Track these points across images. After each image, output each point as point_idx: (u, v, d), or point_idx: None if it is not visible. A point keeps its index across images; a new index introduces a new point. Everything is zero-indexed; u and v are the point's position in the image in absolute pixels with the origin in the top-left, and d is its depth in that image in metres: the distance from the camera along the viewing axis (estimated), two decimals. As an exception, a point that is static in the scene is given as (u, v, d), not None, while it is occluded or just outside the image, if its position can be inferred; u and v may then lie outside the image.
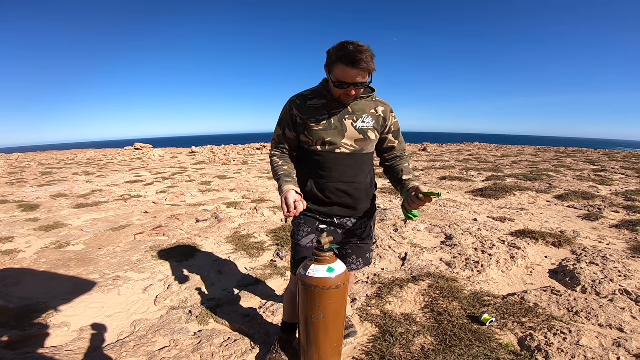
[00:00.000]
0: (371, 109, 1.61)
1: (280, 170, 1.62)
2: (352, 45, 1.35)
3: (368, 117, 1.60)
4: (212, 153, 17.88)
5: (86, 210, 5.59)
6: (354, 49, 1.34)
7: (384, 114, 1.63)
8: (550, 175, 7.87)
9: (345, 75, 1.39)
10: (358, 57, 1.34)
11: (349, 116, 1.57)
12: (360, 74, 1.38)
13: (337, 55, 1.37)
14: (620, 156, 13.03)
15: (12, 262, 3.38)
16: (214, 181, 8.55)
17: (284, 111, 1.64)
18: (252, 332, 2.16)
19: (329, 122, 1.56)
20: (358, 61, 1.34)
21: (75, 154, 19.54)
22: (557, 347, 1.84)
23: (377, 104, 1.63)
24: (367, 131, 1.59)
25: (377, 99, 1.64)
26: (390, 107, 1.66)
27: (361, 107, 1.59)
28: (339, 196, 1.63)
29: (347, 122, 1.57)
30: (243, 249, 3.64)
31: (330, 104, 1.56)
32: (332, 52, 1.41)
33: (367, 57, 1.35)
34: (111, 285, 2.85)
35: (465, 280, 2.74)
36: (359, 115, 1.58)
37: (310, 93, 1.61)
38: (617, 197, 5.47)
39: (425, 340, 1.99)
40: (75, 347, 2.03)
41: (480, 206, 5.25)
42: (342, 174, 1.61)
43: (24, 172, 11.05)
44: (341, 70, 1.39)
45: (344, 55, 1.35)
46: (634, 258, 3.00)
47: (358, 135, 1.58)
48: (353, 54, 1.34)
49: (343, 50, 1.36)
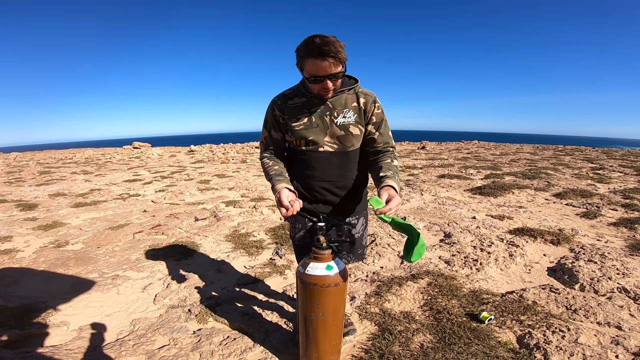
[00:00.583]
0: (353, 102, 1.55)
1: (272, 170, 1.60)
2: (318, 38, 1.31)
3: (349, 111, 1.54)
4: (211, 152, 17.86)
5: (85, 210, 5.58)
6: (321, 41, 1.31)
7: (365, 105, 1.56)
8: (548, 173, 7.88)
9: (318, 69, 1.36)
10: (326, 48, 1.30)
11: (329, 112, 1.53)
12: (332, 64, 1.34)
13: (306, 50, 1.34)
14: (619, 154, 13.06)
15: (11, 262, 3.38)
16: (213, 180, 8.55)
17: (268, 112, 1.63)
18: (252, 331, 2.16)
19: (309, 120, 1.53)
20: (327, 52, 1.31)
21: (74, 153, 19.49)
22: (556, 345, 1.85)
23: (359, 96, 1.56)
24: (349, 126, 1.54)
25: (359, 90, 1.57)
26: (373, 97, 1.58)
27: (342, 102, 1.54)
28: (323, 194, 1.63)
29: (328, 119, 1.53)
30: (242, 248, 3.64)
31: (310, 101, 1.53)
32: (300, 48, 1.38)
33: (336, 46, 1.31)
34: (110, 284, 2.85)
35: (464, 278, 2.75)
36: (339, 111, 1.53)
37: (291, 92, 1.58)
38: (615, 195, 5.48)
39: (424, 338, 2.00)
40: (74, 346, 2.03)
41: (478, 204, 5.26)
42: (325, 172, 1.59)
43: (22, 172, 11.02)
44: (312, 65, 1.35)
45: (312, 48, 1.32)
46: (632, 256, 3.01)
47: (339, 132, 1.54)
48: (320, 46, 1.31)
49: (310, 44, 1.32)
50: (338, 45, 1.32)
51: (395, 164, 1.57)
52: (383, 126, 1.61)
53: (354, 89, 1.56)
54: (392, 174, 1.50)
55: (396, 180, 1.47)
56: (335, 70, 1.36)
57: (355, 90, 1.56)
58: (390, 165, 1.55)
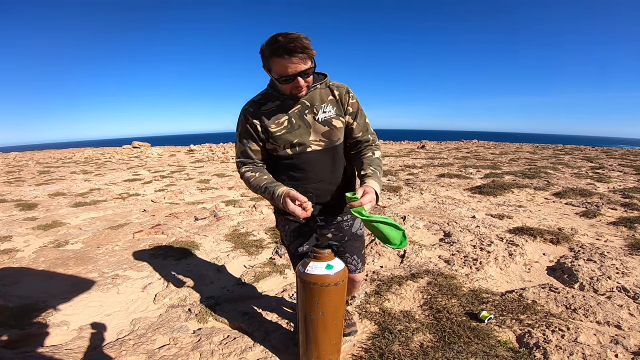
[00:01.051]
0: (328, 95, 1.50)
1: (262, 181, 1.49)
2: (281, 36, 1.25)
3: (328, 105, 1.49)
4: (211, 151, 17.85)
5: (84, 209, 5.58)
6: (285, 39, 1.25)
7: (340, 96, 1.51)
8: (548, 172, 7.88)
9: (286, 67, 1.30)
10: (292, 45, 1.24)
11: (308, 110, 1.47)
12: (301, 60, 1.29)
13: (270, 50, 1.28)
14: (618, 153, 13.07)
15: (11, 261, 3.38)
16: (213, 179, 8.55)
17: (240, 124, 1.52)
18: (252, 330, 2.17)
19: (289, 122, 1.46)
20: (293, 49, 1.25)
21: (73, 153, 19.48)
22: (555, 344, 1.85)
23: (332, 89, 1.51)
24: (332, 120, 1.49)
25: (331, 84, 1.53)
26: (345, 88, 1.53)
27: (318, 97, 1.48)
28: (318, 196, 1.54)
29: (309, 117, 1.47)
30: (242, 247, 3.64)
31: (284, 103, 1.46)
32: (263, 49, 1.31)
33: (302, 42, 1.26)
34: (110, 284, 2.85)
35: (463, 278, 2.75)
36: (318, 107, 1.47)
37: (261, 97, 1.51)
38: (615, 194, 5.49)
39: (424, 337, 2.00)
40: (74, 345, 2.03)
41: (478, 203, 5.26)
42: (318, 173, 1.53)
43: (22, 171, 11.01)
44: (279, 64, 1.29)
45: (277, 47, 1.26)
46: (631, 255, 3.01)
47: (323, 128, 1.48)
48: (286, 43, 1.25)
49: (274, 43, 1.26)
50: (304, 41, 1.27)
51: (376, 157, 1.55)
52: (359, 115, 1.57)
53: (325, 82, 1.51)
54: (373, 171, 1.47)
55: (377, 179, 1.44)
56: (305, 66, 1.31)
57: (327, 84, 1.52)
58: (371, 160, 1.52)
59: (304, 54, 1.28)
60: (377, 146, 1.60)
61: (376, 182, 1.41)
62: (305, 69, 1.32)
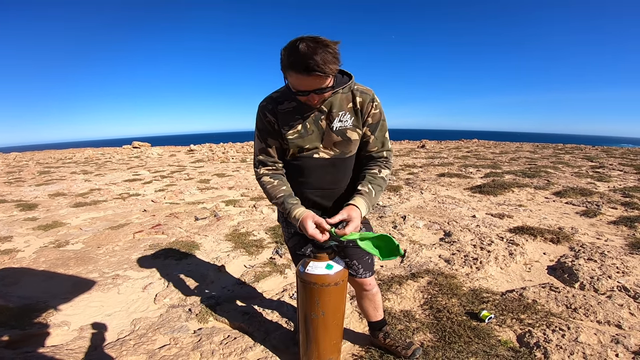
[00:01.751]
0: (348, 102, 1.40)
1: (279, 192, 1.45)
2: (303, 46, 1.14)
3: (346, 114, 1.39)
4: (211, 151, 17.85)
5: (85, 209, 5.58)
6: (305, 52, 1.14)
7: (362, 104, 1.40)
8: (548, 171, 7.88)
9: (301, 84, 1.22)
10: (311, 63, 1.14)
11: (324, 116, 1.39)
12: (318, 79, 1.19)
13: (288, 61, 1.19)
14: (618, 153, 13.06)
15: (11, 262, 3.38)
16: (213, 179, 8.55)
17: (258, 120, 1.47)
18: (252, 330, 2.17)
19: (304, 126, 1.40)
20: (311, 67, 1.15)
21: (73, 153, 19.48)
22: (556, 343, 1.85)
23: (354, 95, 1.40)
24: (346, 131, 1.41)
25: (355, 88, 1.41)
26: (370, 95, 1.41)
27: (337, 104, 1.38)
28: (315, 201, 1.53)
29: (323, 123, 1.40)
30: (242, 247, 3.64)
31: (301, 106, 1.38)
32: (283, 54, 1.21)
33: (323, 59, 1.15)
34: (110, 284, 2.85)
35: (464, 277, 2.75)
36: (335, 114, 1.38)
37: (280, 95, 1.43)
38: (615, 193, 5.49)
39: (424, 336, 2.00)
40: (75, 346, 2.04)
41: (478, 203, 5.26)
42: (319, 180, 1.49)
43: (22, 172, 11.01)
44: (295, 78, 1.21)
45: (295, 61, 1.16)
46: (631, 254, 3.01)
47: (336, 138, 1.41)
48: (304, 59, 1.14)
49: (293, 54, 1.16)
50: (325, 58, 1.16)
51: (381, 175, 1.47)
52: (379, 129, 1.47)
53: (348, 86, 1.40)
54: (368, 190, 1.41)
55: (368, 199, 1.39)
56: (322, 84, 1.22)
57: (350, 88, 1.40)
58: (373, 178, 1.46)
59: (323, 73, 1.18)
60: (388, 164, 1.52)
61: (364, 202, 1.38)
62: (322, 87, 1.23)
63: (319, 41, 1.17)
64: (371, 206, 1.41)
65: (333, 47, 1.19)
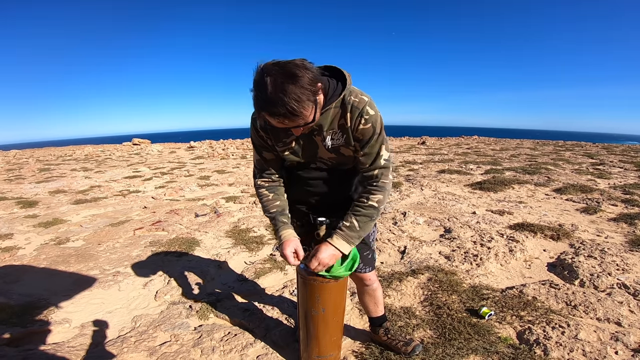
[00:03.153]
0: (339, 119, 1.28)
1: (272, 207, 1.46)
2: (270, 84, 1.02)
3: (337, 132, 1.30)
4: (211, 148, 17.83)
5: (85, 206, 5.59)
6: (273, 93, 1.03)
7: (350, 120, 1.27)
8: (548, 168, 7.88)
9: (275, 124, 1.14)
10: (282, 109, 1.04)
11: (317, 133, 1.31)
12: (294, 120, 1.10)
13: (258, 104, 1.09)
14: (619, 150, 13.04)
15: (12, 259, 3.38)
16: (213, 176, 8.54)
17: (252, 134, 1.43)
18: (253, 327, 2.17)
19: (297, 143, 1.35)
20: (283, 113, 1.05)
21: (73, 150, 19.46)
22: (556, 340, 1.85)
23: (346, 110, 1.26)
24: (340, 148, 1.34)
25: (347, 101, 1.26)
26: (360, 109, 1.25)
27: (328, 121, 1.28)
28: (312, 204, 1.54)
29: (317, 140, 1.33)
30: (242, 243, 3.65)
31: None
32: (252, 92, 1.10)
33: (296, 98, 1.04)
34: (111, 281, 2.86)
35: (464, 274, 2.76)
36: (327, 133, 1.30)
37: None
38: (616, 190, 5.48)
39: (424, 333, 2.01)
40: (76, 343, 2.04)
41: (479, 199, 5.26)
42: (317, 187, 1.48)
43: (22, 169, 11.01)
44: (270, 120, 1.13)
45: (264, 104, 1.06)
46: (631, 251, 3.01)
47: (330, 154, 1.37)
48: (275, 103, 1.04)
49: (262, 95, 1.05)
50: (299, 93, 1.04)
51: (369, 203, 1.34)
52: (372, 144, 1.31)
53: (339, 100, 1.26)
54: (349, 224, 1.34)
55: (348, 233, 1.33)
56: (297, 123, 1.12)
57: (339, 103, 1.27)
58: (359, 209, 1.34)
59: (293, 116, 1.07)
60: (379, 186, 1.35)
61: (341, 239, 1.34)
62: (299, 124, 1.14)
63: (288, 73, 1.04)
64: (357, 238, 1.36)
65: (306, 75, 1.06)
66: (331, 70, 1.32)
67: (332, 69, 1.32)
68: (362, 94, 1.28)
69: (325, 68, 1.32)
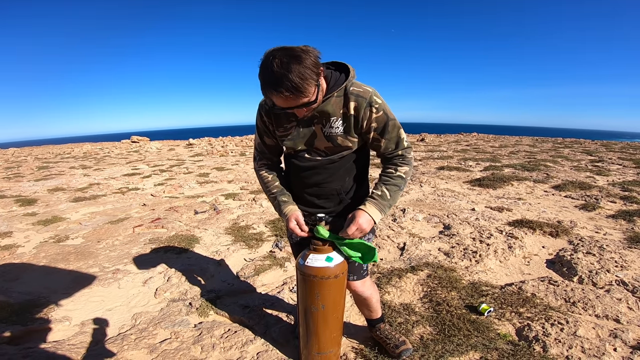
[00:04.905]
0: (341, 107, 1.34)
1: (274, 188, 1.53)
2: (276, 64, 1.10)
3: (337, 120, 1.35)
4: (210, 145, 17.80)
5: (84, 204, 5.58)
6: (279, 71, 1.10)
7: (357, 110, 1.33)
8: (547, 165, 7.89)
9: (281, 103, 1.20)
10: (278, 88, 1.12)
11: (317, 121, 1.37)
12: (297, 99, 1.17)
13: (264, 82, 1.16)
14: (618, 147, 13.06)
15: (12, 257, 3.38)
16: (212, 173, 8.53)
17: (257, 118, 1.50)
18: (252, 324, 2.18)
19: (297, 130, 1.41)
20: (280, 92, 1.13)
21: (72, 148, 19.42)
22: (555, 337, 1.86)
23: (348, 99, 1.32)
24: (337, 137, 1.38)
25: (350, 90, 1.32)
26: (367, 99, 1.32)
27: (330, 108, 1.33)
28: (304, 197, 1.56)
29: (317, 128, 1.39)
30: (242, 240, 3.65)
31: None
32: (259, 72, 1.18)
33: (300, 75, 1.11)
34: (111, 279, 2.86)
35: (463, 270, 2.76)
36: (327, 119, 1.36)
37: None
38: (614, 187, 5.49)
39: (424, 330, 2.02)
40: (77, 341, 2.05)
41: (478, 196, 5.26)
42: (310, 178, 1.51)
43: (21, 167, 10.99)
44: (274, 99, 1.19)
45: (270, 82, 1.13)
46: (630, 248, 3.02)
47: (327, 143, 1.41)
48: (271, 83, 1.12)
49: (268, 74, 1.13)
50: (299, 74, 1.11)
51: (398, 174, 1.42)
52: (388, 130, 1.38)
53: (343, 88, 1.33)
54: (381, 193, 1.39)
55: (380, 202, 1.38)
56: (303, 101, 1.19)
57: (343, 92, 1.33)
58: (388, 179, 1.42)
59: (297, 93, 1.14)
60: (405, 160, 1.44)
61: (374, 207, 1.37)
62: (302, 103, 1.20)
63: (292, 55, 1.11)
64: (388, 206, 1.40)
65: (309, 58, 1.14)
66: (337, 65, 1.41)
67: (337, 64, 1.41)
68: (365, 86, 1.35)
69: (331, 64, 1.41)
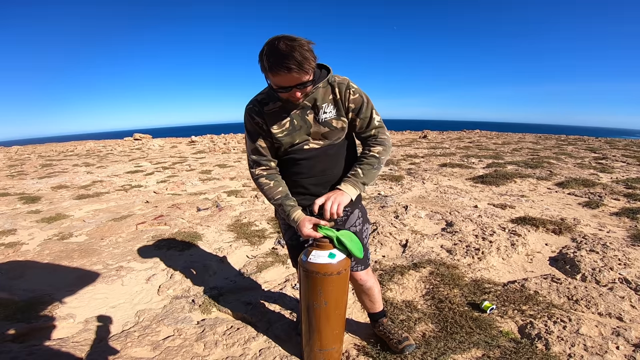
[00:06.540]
0: (329, 94, 1.49)
1: (277, 194, 1.54)
2: (282, 45, 1.22)
3: (329, 105, 1.48)
4: (212, 142, 17.82)
5: (87, 201, 5.60)
6: (284, 50, 1.22)
7: (340, 94, 1.48)
8: (551, 162, 7.85)
9: (282, 81, 1.29)
10: (291, 61, 1.23)
11: (309, 111, 1.48)
12: (298, 74, 1.27)
13: (269, 61, 1.26)
14: (622, 144, 12.96)
15: (16, 255, 3.40)
16: (214, 170, 8.55)
17: (247, 123, 1.55)
18: (255, 320, 2.19)
19: (291, 124, 1.48)
20: (292, 64, 1.23)
21: (75, 146, 19.48)
22: (557, 335, 1.86)
23: (333, 87, 1.48)
24: (332, 121, 1.50)
25: (332, 80, 1.49)
26: (345, 83, 1.49)
27: (320, 97, 1.47)
28: (309, 188, 1.59)
29: (310, 117, 1.48)
30: (244, 237, 3.66)
31: (286, 105, 1.47)
32: (261, 57, 1.28)
33: (302, 55, 1.23)
34: (114, 276, 2.87)
35: (465, 267, 2.76)
36: (319, 107, 1.47)
37: (265, 96, 1.51)
38: (618, 184, 5.46)
39: (426, 327, 2.02)
40: (81, 338, 2.06)
41: (480, 193, 5.25)
42: (312, 168, 1.55)
43: (24, 165, 11.04)
44: (277, 76, 1.29)
45: (275, 60, 1.24)
46: (633, 246, 3.01)
47: (323, 129, 1.49)
48: (280, 60, 1.23)
49: (273, 53, 1.24)
50: (302, 53, 1.24)
51: (372, 154, 1.54)
52: (363, 109, 1.53)
53: (327, 79, 1.47)
54: (354, 172, 1.52)
55: (355, 181, 1.49)
56: (302, 80, 1.30)
57: (327, 82, 1.48)
58: (363, 159, 1.54)
59: (302, 68, 1.26)
60: (378, 140, 1.56)
61: (348, 184, 1.49)
62: (303, 82, 1.31)
63: (295, 39, 1.25)
64: (362, 183, 1.50)
65: (308, 45, 1.27)
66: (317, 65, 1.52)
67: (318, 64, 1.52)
68: (342, 76, 1.53)
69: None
